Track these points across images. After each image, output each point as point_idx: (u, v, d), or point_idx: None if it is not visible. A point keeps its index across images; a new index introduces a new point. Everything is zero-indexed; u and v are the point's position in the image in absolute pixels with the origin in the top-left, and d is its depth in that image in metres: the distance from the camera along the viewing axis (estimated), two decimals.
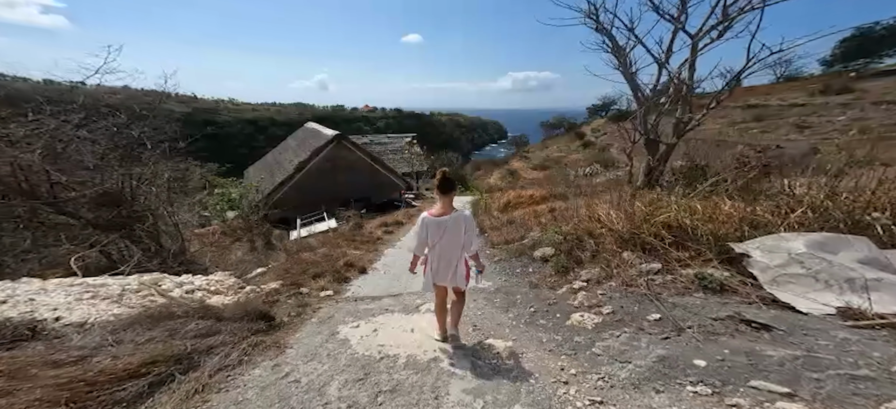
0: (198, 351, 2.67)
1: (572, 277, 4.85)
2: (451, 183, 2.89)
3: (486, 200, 14.16)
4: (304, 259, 6.20)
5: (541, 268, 5.96)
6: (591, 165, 31.10)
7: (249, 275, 5.37)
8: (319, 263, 6.24)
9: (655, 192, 5.22)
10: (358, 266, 6.58)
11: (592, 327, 3.25)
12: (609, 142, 41.06)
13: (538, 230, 8.55)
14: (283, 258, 6.37)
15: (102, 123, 5.67)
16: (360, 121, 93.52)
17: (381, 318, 4.24)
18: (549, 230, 7.10)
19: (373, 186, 17.14)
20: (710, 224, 3.71)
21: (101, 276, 3.92)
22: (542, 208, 11.92)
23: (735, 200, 4.08)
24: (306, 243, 8.81)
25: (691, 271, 3.48)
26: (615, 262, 4.16)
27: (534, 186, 18.36)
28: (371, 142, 22.47)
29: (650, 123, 6.23)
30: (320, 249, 7.87)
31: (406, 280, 6.05)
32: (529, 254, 6.83)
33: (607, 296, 3.69)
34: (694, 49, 5.75)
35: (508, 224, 10.32)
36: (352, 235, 9.97)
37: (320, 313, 4.35)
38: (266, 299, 4.26)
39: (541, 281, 5.22)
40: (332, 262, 6.43)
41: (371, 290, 5.53)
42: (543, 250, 6.44)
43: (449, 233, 2.87)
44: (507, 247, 7.92)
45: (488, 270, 6.50)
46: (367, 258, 7.59)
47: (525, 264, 6.43)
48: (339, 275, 5.77)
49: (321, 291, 5.10)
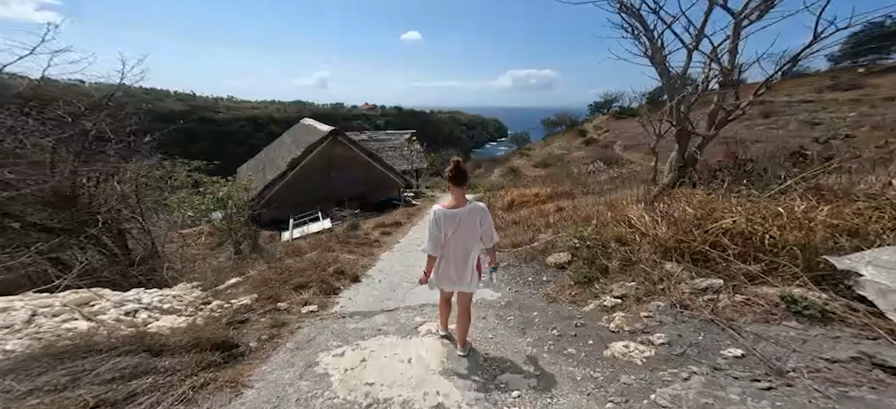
0: (108, 403, 1.92)
1: (598, 289, 4.10)
2: (463, 173, 2.68)
3: (489, 199, 13.38)
4: (287, 267, 5.43)
5: (557, 277, 5.21)
6: (594, 163, 30.37)
7: (221, 286, 4.64)
8: (305, 270, 5.48)
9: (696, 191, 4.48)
10: (350, 274, 5.81)
11: (643, 363, 2.50)
12: (612, 139, 40.35)
13: (549, 232, 7.80)
14: (264, 266, 5.60)
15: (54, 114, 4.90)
16: (359, 119, 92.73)
17: (372, 342, 3.49)
18: (566, 233, 6.34)
19: (370, 184, 16.38)
20: (795, 232, 2.94)
21: (30, 291, 3.18)
22: (548, 207, 11.16)
23: (808, 200, 3.33)
24: (296, 245, 8.07)
25: (770, 290, 2.73)
26: (656, 275, 3.41)
27: (537, 185, 17.62)
28: (369, 139, 21.69)
29: (683, 113, 5.45)
30: (309, 253, 7.11)
31: (404, 291, 5.30)
32: (541, 259, 6.08)
33: (656, 319, 2.93)
34: (737, 29, 4.97)
35: (514, 225, 9.60)
36: (346, 237, 9.21)
37: (298, 336, 3.59)
38: (232, 318, 3.51)
39: (559, 293, 4.47)
40: (321, 269, 5.66)
41: (363, 303, 4.77)
42: (557, 256, 5.69)
43: (464, 226, 2.68)
44: (515, 251, 7.17)
45: (496, 277, 5.77)
46: (360, 264, 6.83)
47: (537, 272, 5.68)
48: (327, 285, 5.01)
49: (304, 306, 4.34)
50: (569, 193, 14.10)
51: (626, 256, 4.00)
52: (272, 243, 10.45)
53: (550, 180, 19.75)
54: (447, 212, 2.69)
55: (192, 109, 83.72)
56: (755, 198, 3.63)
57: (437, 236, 2.73)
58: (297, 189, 14.37)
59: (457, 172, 2.64)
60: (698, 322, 2.73)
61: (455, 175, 2.65)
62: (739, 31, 5.12)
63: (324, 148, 14.95)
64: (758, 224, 3.12)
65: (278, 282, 4.82)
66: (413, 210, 14.29)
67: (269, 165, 15.90)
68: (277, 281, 4.85)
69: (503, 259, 6.80)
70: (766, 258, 2.95)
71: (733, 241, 3.16)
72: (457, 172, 2.64)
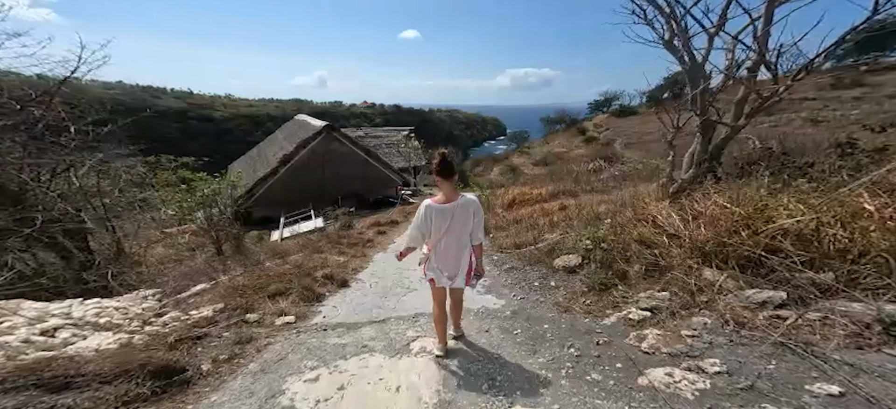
0: None
1: (618, 298, 3.53)
2: (451, 165, 2.52)
3: (489, 198, 12.79)
4: (265, 271, 4.83)
5: (567, 282, 4.64)
6: (595, 161, 29.87)
7: (185, 294, 4.05)
8: (286, 274, 4.89)
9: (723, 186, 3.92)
10: (338, 278, 5.23)
11: (697, 398, 1.93)
12: (612, 137, 39.82)
13: (556, 232, 7.24)
14: (239, 271, 5.00)
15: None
16: (358, 117, 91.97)
17: (355, 363, 2.91)
18: (575, 233, 5.77)
19: (367, 181, 15.80)
20: (885, 235, 2.35)
21: None
22: (550, 205, 10.59)
23: (879, 197, 2.75)
24: (282, 247, 7.49)
25: (854, 306, 2.16)
26: (694, 283, 2.84)
27: (537, 183, 17.05)
28: (366, 135, 21.07)
29: (708, 101, 4.88)
30: (294, 255, 6.53)
31: (396, 298, 4.71)
32: (547, 262, 5.53)
33: (703, 340, 2.36)
34: (770, 7, 4.39)
35: (515, 224, 9.04)
36: (338, 236, 8.62)
37: (266, 355, 3.02)
38: (185, 334, 2.92)
39: (571, 301, 3.90)
40: (305, 273, 5.08)
41: (349, 313, 4.19)
42: (566, 259, 5.13)
43: (456, 222, 2.56)
44: (518, 252, 6.61)
45: (499, 283, 5.22)
46: (351, 267, 6.25)
47: (544, 276, 5.11)
48: (310, 292, 4.42)
49: (279, 316, 3.75)
50: (571, 191, 13.55)
51: (652, 260, 3.43)
52: (260, 244, 9.86)
53: (551, 178, 19.20)
54: (438, 207, 2.55)
55: (190, 106, 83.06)
56: (813, 194, 3.05)
57: (425, 231, 2.64)
58: (289, 187, 13.78)
59: (443, 164, 2.47)
60: (764, 346, 2.16)
61: (442, 168, 2.48)
62: (772, 10, 4.54)
63: (317, 144, 14.35)
64: (829, 225, 2.55)
65: (252, 289, 4.23)
66: (410, 208, 13.70)
67: (261, 162, 15.29)
68: (251, 288, 4.25)
69: (506, 261, 6.25)
70: (837, 266, 2.38)
71: (793, 244, 2.59)
72: (443, 163, 2.47)
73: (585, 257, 4.89)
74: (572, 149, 41.30)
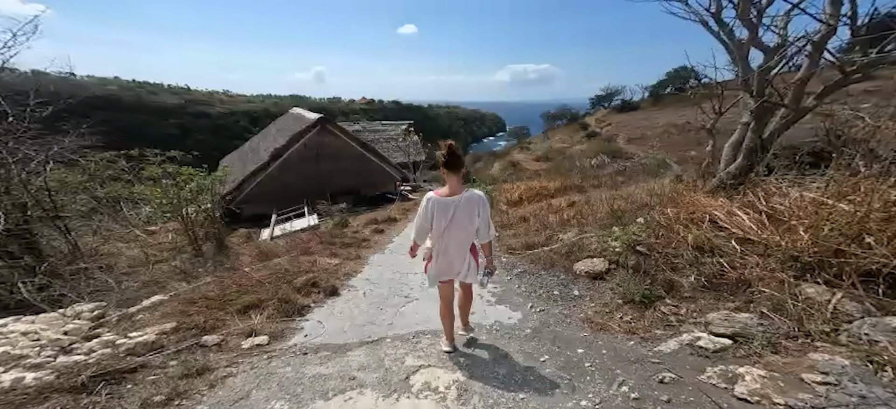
0: None
1: (669, 315, 2.84)
2: (459, 158, 2.41)
3: (493, 194, 12.08)
4: (238, 279, 4.10)
5: (593, 290, 3.95)
6: (598, 156, 29.23)
7: (135, 307, 3.33)
8: (265, 282, 4.18)
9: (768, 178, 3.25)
10: (326, 285, 4.52)
11: None
12: (614, 132, 39.12)
13: (570, 232, 6.55)
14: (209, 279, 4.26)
15: None
16: (357, 113, 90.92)
17: (338, 406, 2.22)
18: (597, 233, 5.07)
19: (364, 177, 15.07)
20: None
21: None
22: (558, 201, 9.88)
23: None
24: (267, 248, 6.79)
25: None
26: (793, 303, 2.13)
27: (541, 178, 16.36)
28: (364, 129, 20.31)
29: (766, 81, 4.18)
30: (280, 257, 5.82)
31: (394, 309, 4.01)
32: (565, 265, 4.84)
33: (849, 391, 1.65)
34: None
35: (523, 222, 8.36)
36: (331, 236, 7.90)
37: (220, 393, 2.32)
38: (115, 366, 2.22)
39: (605, 317, 3.22)
40: (286, 280, 4.37)
41: (336, 330, 3.48)
42: (590, 263, 4.43)
43: (459, 216, 2.43)
44: (530, 254, 5.92)
45: (512, 290, 4.54)
46: (343, 271, 5.55)
47: (564, 283, 4.43)
48: (291, 304, 3.70)
49: (249, 337, 3.05)
50: (579, 186, 12.88)
51: (715, 269, 2.73)
52: (248, 243, 9.16)
53: (555, 174, 18.53)
54: (441, 200, 2.45)
55: (187, 102, 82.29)
56: None
57: (426, 226, 2.54)
58: (281, 182, 13.05)
59: (451, 156, 2.38)
60: None
61: (450, 160, 2.38)
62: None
63: (311, 138, 13.60)
64: None
65: (220, 301, 3.51)
66: (410, 205, 12.99)
67: (252, 156, 14.55)
68: (219, 299, 3.54)
69: (516, 264, 5.57)
70: None
71: None
72: (451, 155, 2.38)
73: (614, 261, 4.20)
74: (574, 144, 40.66)
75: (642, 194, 9.27)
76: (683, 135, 32.06)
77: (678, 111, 39.94)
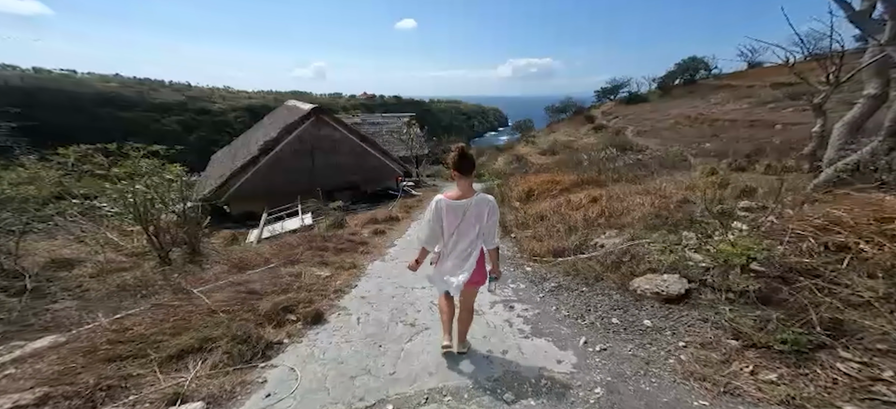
0: None
1: (853, 378, 1.82)
2: (470, 161, 2.37)
3: (502, 188, 11.01)
4: (182, 307, 3.04)
5: (671, 319, 2.92)
6: (607, 149, 28.13)
7: (10, 356, 2.31)
8: (223, 308, 3.14)
9: None
10: (307, 310, 3.50)
11: None
12: (622, 125, 37.93)
13: (605, 232, 5.52)
14: (144, 308, 3.18)
15: None
16: (357, 108, 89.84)
17: None
18: (663, 240, 4.01)
19: (364, 172, 14.05)
20: None
21: None
22: (577, 196, 8.77)
23: None
24: (250, 254, 5.77)
25: None
26: None
27: (553, 171, 15.25)
28: (363, 122, 19.25)
29: None
30: (252, 270, 4.81)
31: (397, 348, 2.98)
32: (617, 281, 3.83)
33: None
34: None
35: (541, 221, 7.33)
36: (324, 239, 6.89)
37: None
38: None
39: (717, 369, 2.19)
40: (249, 306, 3.33)
41: (315, 386, 2.46)
42: (660, 281, 3.39)
43: (468, 221, 2.41)
44: (562, 262, 4.93)
45: (549, 313, 3.57)
46: (334, 285, 4.55)
47: (622, 306, 3.42)
48: (249, 344, 2.68)
49: (173, 405, 2.04)
50: (596, 180, 11.80)
51: None
52: (233, 246, 8.16)
53: (564, 167, 17.43)
54: (451, 203, 2.42)
55: (188, 99, 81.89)
56: None
57: (437, 230, 2.48)
58: (273, 178, 12.03)
59: (462, 159, 2.33)
60: None
61: (461, 163, 2.32)
62: None
63: (305, 130, 12.55)
64: None
65: (142, 344, 2.47)
66: (413, 202, 11.95)
67: (243, 151, 13.53)
68: (141, 342, 2.49)
69: (546, 276, 4.58)
70: None
71: None
72: (462, 158, 2.33)
73: (698, 279, 3.14)
74: (580, 137, 39.44)
75: (671, 188, 8.24)
76: (696, 127, 30.94)
77: (690, 103, 38.70)
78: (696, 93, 43.07)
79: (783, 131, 23.36)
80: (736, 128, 28.70)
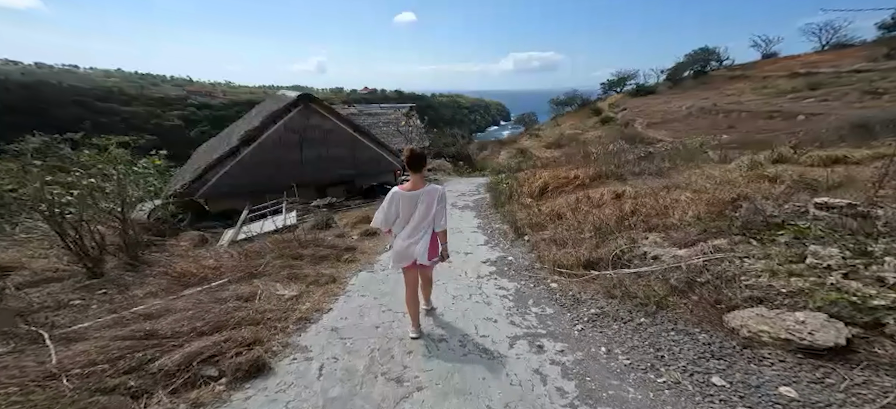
0: None
1: None
2: (421, 158, 2.77)
3: (510, 184, 9.75)
4: (38, 362, 1.93)
5: (824, 386, 1.76)
6: (615, 142, 26.86)
7: None
8: (86, 370, 2.00)
9: None
10: (242, 358, 2.36)
11: None
12: (631, 117, 36.55)
13: (648, 238, 4.33)
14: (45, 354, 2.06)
15: None
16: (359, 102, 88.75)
17: None
18: (781, 251, 2.82)
19: (359, 165, 12.86)
20: None
21: None
22: (596, 193, 7.51)
23: None
24: (203, 266, 4.66)
25: None
26: None
27: (559, 165, 13.94)
28: (359, 113, 18.00)
29: None
30: (192, 290, 3.65)
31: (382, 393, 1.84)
32: (701, 314, 2.67)
33: None
34: None
35: (557, 220, 6.16)
36: (302, 243, 5.72)
37: None
38: None
39: None
40: (144, 357, 2.19)
41: None
42: (793, 322, 2.21)
43: (421, 208, 2.78)
44: (598, 277, 3.76)
45: (598, 363, 2.41)
46: (299, 310, 3.41)
47: (717, 355, 2.31)
48: None
49: None
50: (616, 174, 10.56)
51: None
52: (199, 250, 7.00)
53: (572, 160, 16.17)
54: (404, 193, 2.75)
55: (189, 93, 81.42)
56: None
57: (391, 216, 2.79)
58: (258, 172, 10.87)
59: (412, 158, 2.71)
60: None
61: (412, 161, 2.71)
62: None
63: (293, 119, 11.35)
64: None
65: None
66: None
67: (225, 143, 12.37)
68: None
69: (581, 297, 3.42)
70: None
71: None
72: (412, 157, 2.71)
73: (873, 323, 1.97)
74: (586, 130, 38.09)
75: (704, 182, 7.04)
76: (710, 118, 29.51)
77: (701, 94, 37.23)
78: (709, 84, 41.55)
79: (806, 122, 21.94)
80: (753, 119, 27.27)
